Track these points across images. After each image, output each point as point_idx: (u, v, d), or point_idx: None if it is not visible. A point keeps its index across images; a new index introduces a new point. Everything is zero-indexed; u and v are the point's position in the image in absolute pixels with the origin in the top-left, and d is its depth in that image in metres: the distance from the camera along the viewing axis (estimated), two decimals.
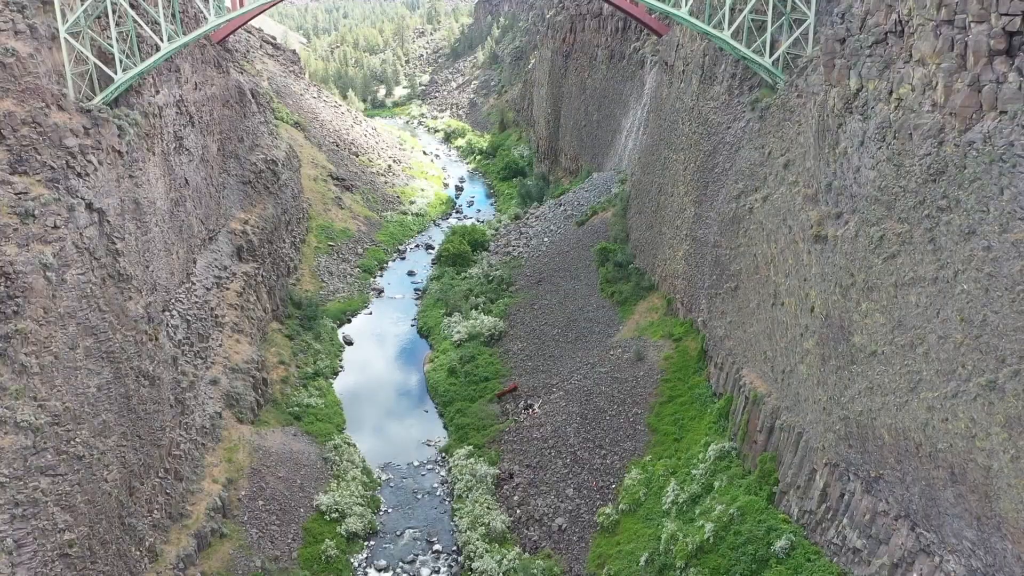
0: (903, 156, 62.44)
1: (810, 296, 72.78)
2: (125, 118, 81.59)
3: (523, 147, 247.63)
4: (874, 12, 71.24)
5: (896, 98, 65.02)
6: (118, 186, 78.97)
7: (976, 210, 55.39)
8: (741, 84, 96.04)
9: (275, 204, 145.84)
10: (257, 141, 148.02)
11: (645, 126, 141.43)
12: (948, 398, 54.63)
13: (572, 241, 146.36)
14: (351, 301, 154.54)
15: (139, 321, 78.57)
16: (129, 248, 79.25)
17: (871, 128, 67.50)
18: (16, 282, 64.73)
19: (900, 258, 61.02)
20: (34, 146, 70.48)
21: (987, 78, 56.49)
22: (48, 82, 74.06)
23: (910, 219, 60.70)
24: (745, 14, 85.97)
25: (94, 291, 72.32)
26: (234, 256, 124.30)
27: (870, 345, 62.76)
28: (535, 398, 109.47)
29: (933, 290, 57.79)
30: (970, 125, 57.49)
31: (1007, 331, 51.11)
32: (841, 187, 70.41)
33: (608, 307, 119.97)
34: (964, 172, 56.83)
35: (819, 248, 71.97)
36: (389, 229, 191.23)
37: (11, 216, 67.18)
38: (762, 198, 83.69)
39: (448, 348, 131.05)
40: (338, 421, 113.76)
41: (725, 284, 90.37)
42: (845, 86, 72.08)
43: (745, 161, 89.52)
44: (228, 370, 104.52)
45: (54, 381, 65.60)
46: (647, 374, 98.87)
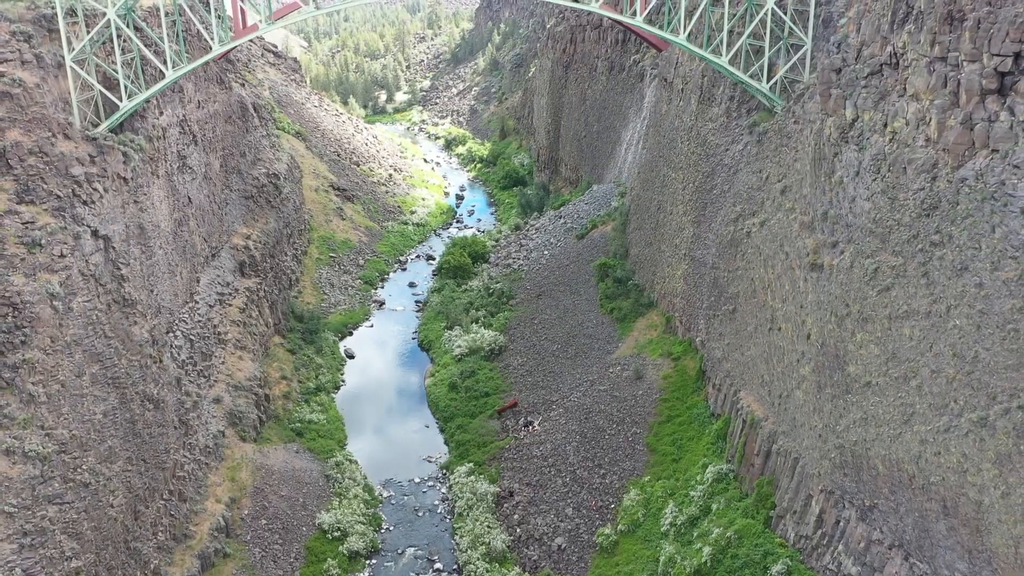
0: (897, 189, 63.41)
1: (806, 323, 73.73)
2: (130, 144, 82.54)
3: (523, 155, 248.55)
4: (869, 43, 72.23)
5: (891, 131, 66.01)
6: (123, 212, 79.95)
7: (968, 247, 56.38)
8: (739, 107, 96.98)
9: (277, 218, 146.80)
10: (259, 155, 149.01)
11: (644, 141, 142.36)
12: (940, 432, 55.59)
13: (572, 255, 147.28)
14: (352, 314, 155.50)
15: (144, 345, 79.56)
16: (134, 273, 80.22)
17: (866, 159, 68.47)
18: (24, 312, 65.69)
19: (894, 291, 61.97)
20: (41, 175, 71.44)
21: (979, 116, 57.48)
22: (54, 111, 75.03)
23: (904, 252, 61.65)
24: (743, 40, 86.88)
25: (100, 318, 73.31)
26: (236, 272, 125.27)
27: (865, 376, 63.72)
28: (535, 415, 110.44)
29: (926, 324, 58.76)
30: (963, 162, 58.48)
31: (998, 368, 52.08)
32: (837, 216, 71.36)
33: (608, 323, 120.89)
34: (957, 208, 57.81)
35: (815, 276, 72.94)
36: (390, 239, 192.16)
37: (18, 246, 68.13)
38: (759, 223, 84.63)
39: (449, 362, 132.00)
40: (340, 437, 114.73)
41: (723, 306, 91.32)
42: (841, 116, 73.04)
43: (743, 184, 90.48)
44: (231, 388, 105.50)
45: (61, 409, 66.57)
46: (646, 393, 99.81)
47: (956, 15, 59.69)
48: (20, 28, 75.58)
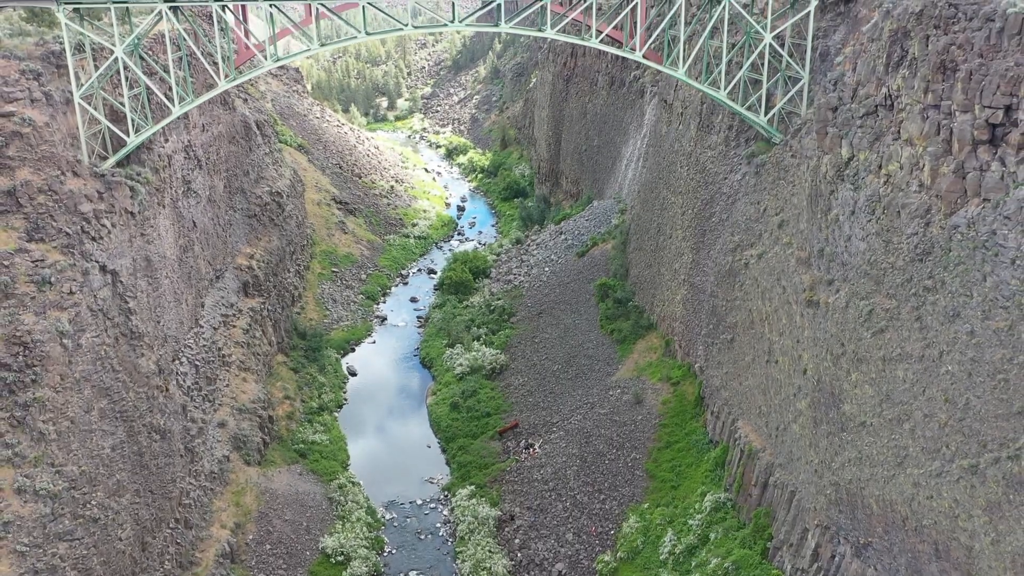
0: (891, 233, 64.62)
1: (803, 358, 74.94)
2: (137, 178, 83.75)
3: (524, 166, 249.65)
4: (865, 83, 73.39)
5: (885, 173, 67.22)
6: (131, 246, 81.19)
7: (960, 293, 57.57)
8: (738, 136, 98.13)
9: (280, 236, 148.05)
10: (262, 173, 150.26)
11: (644, 159, 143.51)
12: (933, 476, 56.78)
13: (573, 272, 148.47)
14: (355, 330, 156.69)
15: (151, 377, 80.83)
16: (141, 306, 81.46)
17: (861, 199, 69.66)
18: (34, 351, 66.94)
19: (888, 333, 63.16)
20: (50, 213, 72.67)
21: (971, 165, 58.69)
22: (63, 149, 76.23)
23: (898, 296, 62.86)
24: (741, 73, 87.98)
25: (108, 352, 74.56)
26: (240, 292, 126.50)
27: (859, 415, 64.90)
28: (536, 437, 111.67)
29: (919, 368, 59.95)
30: (955, 209, 59.69)
31: (988, 417, 53.26)
32: (833, 253, 72.57)
33: (608, 344, 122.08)
34: (949, 255, 59.02)
35: (811, 312, 74.13)
36: (392, 253, 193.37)
37: (28, 285, 69.36)
38: (757, 255, 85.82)
39: (450, 381, 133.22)
40: (343, 458, 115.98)
41: (721, 335, 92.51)
42: (837, 154, 74.24)
43: (741, 214, 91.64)
44: (235, 411, 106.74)
45: (70, 446, 67.82)
46: (645, 418, 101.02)
47: (949, 65, 60.90)
48: (29, 66, 76.73)
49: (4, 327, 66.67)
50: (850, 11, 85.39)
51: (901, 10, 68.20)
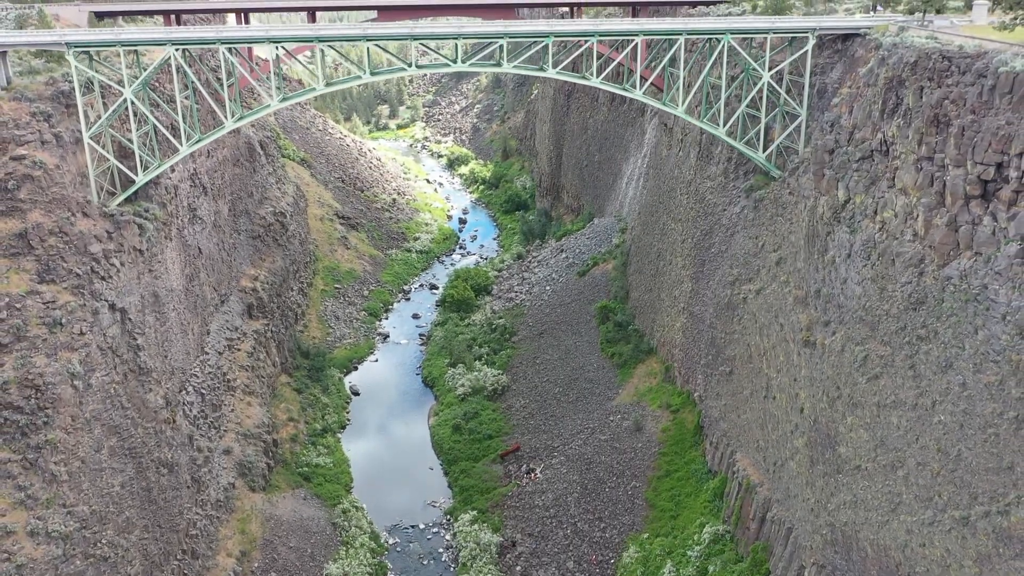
0: (886, 280, 65.90)
1: (800, 397, 76.25)
2: (144, 214, 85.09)
3: (525, 178, 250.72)
4: (861, 127, 74.72)
5: (880, 220, 68.52)
6: (139, 282, 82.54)
7: (953, 345, 58.86)
8: (737, 168, 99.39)
9: (283, 256, 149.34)
10: (266, 193, 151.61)
11: (645, 180, 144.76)
12: (925, 525, 58.09)
13: (573, 292, 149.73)
14: (357, 348, 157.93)
15: (159, 411, 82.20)
16: (149, 342, 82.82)
17: (857, 243, 70.96)
18: (46, 394, 68.33)
19: (883, 380, 64.45)
20: (61, 255, 74.06)
21: (964, 219, 59.99)
22: (73, 190, 77.59)
23: (892, 343, 64.14)
24: (740, 111, 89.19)
25: (117, 390, 75.94)
26: (244, 315, 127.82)
27: (855, 459, 66.21)
28: (537, 461, 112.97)
29: (913, 416, 61.25)
30: (948, 261, 60.99)
31: (979, 470, 54.56)
32: (829, 295, 73.86)
33: (608, 368, 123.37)
34: (942, 306, 60.31)
35: (808, 352, 75.43)
36: (394, 268, 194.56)
37: (40, 327, 70.75)
38: (756, 290, 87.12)
39: (452, 402, 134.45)
40: (346, 480, 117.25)
41: (720, 367, 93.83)
42: (833, 196, 75.54)
43: (740, 248, 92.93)
44: (240, 436, 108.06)
45: (81, 486, 69.19)
46: (645, 446, 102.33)
47: (942, 118, 62.21)
48: (39, 108, 78.10)
49: (17, 370, 68.04)
50: (847, 49, 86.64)
51: (896, 59, 69.53)
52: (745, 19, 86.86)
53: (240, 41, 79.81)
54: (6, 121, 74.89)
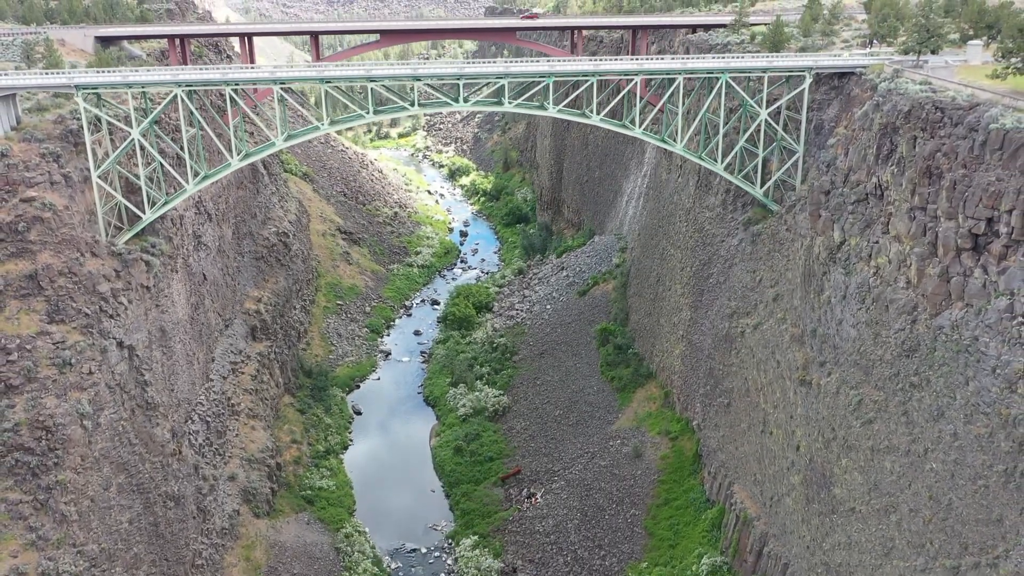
0: (880, 326, 67.18)
1: (796, 434, 77.54)
2: (151, 250, 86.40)
3: (526, 190, 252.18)
4: (856, 170, 76.02)
5: (875, 265, 69.80)
6: (146, 318, 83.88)
7: (945, 394, 60.14)
8: (735, 199, 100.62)
9: (286, 276, 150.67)
10: (269, 214, 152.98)
11: (645, 201, 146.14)
12: (918, 572, 59.37)
13: (574, 312, 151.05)
14: (360, 366, 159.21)
15: (165, 445, 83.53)
16: (156, 376, 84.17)
17: (852, 285, 72.24)
18: (56, 435, 69.69)
19: (876, 424, 65.75)
20: (70, 295, 75.38)
21: (955, 270, 61.26)
22: (82, 230, 78.90)
23: (886, 388, 65.43)
24: (738, 147, 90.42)
25: (125, 427, 77.29)
26: (248, 337, 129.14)
27: (849, 501, 67.51)
28: (538, 485, 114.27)
29: (905, 462, 62.53)
30: (940, 310, 62.25)
31: (970, 521, 55.83)
32: (825, 335, 75.15)
33: (608, 392, 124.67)
34: (934, 354, 61.58)
35: (804, 391, 76.72)
36: (396, 284, 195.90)
37: (50, 368, 72.10)
38: (753, 325, 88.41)
39: (454, 423, 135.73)
40: (348, 503, 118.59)
41: (718, 398, 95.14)
42: (829, 236, 76.83)
43: (738, 281, 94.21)
44: (245, 462, 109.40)
45: (91, 524, 70.53)
46: (644, 473, 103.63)
47: (935, 170, 63.47)
48: (49, 148, 79.42)
49: (28, 412, 69.41)
50: (843, 87, 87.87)
51: (891, 106, 70.81)
52: (742, 58, 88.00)
53: (246, 82, 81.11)
54: (16, 164, 76.21)
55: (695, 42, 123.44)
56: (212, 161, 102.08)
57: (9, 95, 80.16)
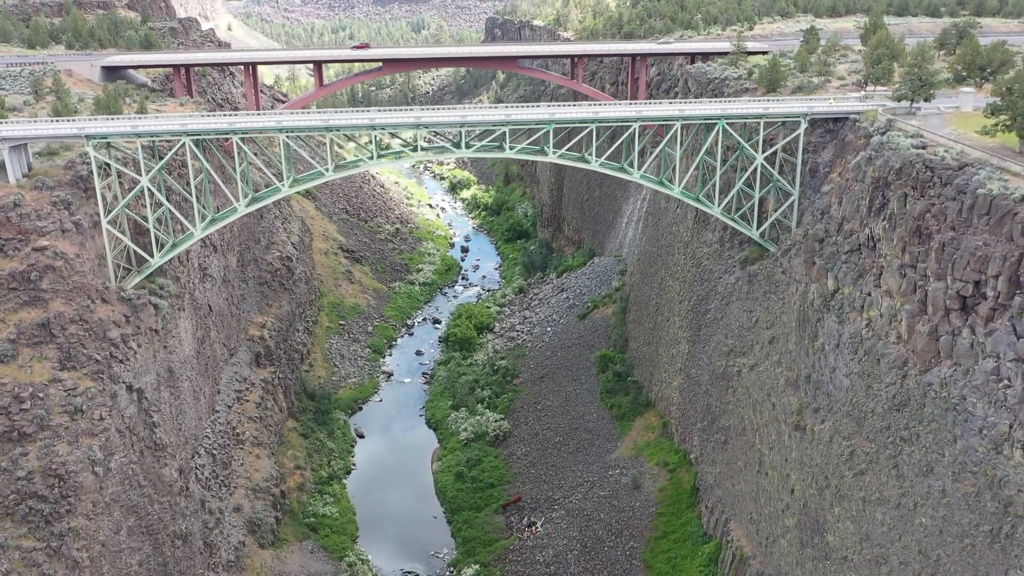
0: (872, 378, 68.91)
1: (791, 478, 79.28)
2: (159, 291, 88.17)
3: (527, 204, 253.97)
4: (850, 219, 77.79)
5: (867, 317, 71.54)
6: (154, 360, 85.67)
7: (933, 450, 61.89)
8: (732, 237, 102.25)
9: (290, 300, 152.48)
10: (272, 238, 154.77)
11: (644, 226, 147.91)
12: None
13: (574, 336, 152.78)
14: (362, 388, 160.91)
15: (173, 484, 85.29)
16: (164, 417, 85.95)
17: (845, 335, 73.99)
18: (68, 482, 71.47)
19: (868, 476, 67.50)
20: (81, 342, 77.18)
21: (944, 329, 63.00)
22: (92, 277, 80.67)
23: (877, 441, 67.18)
24: (735, 192, 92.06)
25: (134, 469, 79.06)
26: (252, 364, 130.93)
27: (842, 549, 69.26)
28: (538, 514, 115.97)
29: (896, 514, 64.29)
30: (929, 367, 64.00)
31: None
32: (819, 382, 76.90)
33: (607, 419, 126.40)
34: (924, 410, 63.34)
35: (799, 436, 78.47)
36: (398, 302, 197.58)
37: (62, 415, 73.90)
38: (749, 365, 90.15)
39: (455, 447, 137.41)
40: (351, 530, 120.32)
41: (715, 434, 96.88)
42: (823, 284, 78.62)
43: (735, 320, 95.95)
44: (250, 491, 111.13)
45: (102, 570, 72.34)
46: (643, 505, 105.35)
47: (924, 231, 65.21)
48: (60, 196, 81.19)
49: (41, 460, 71.21)
50: (838, 131, 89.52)
51: (882, 162, 72.53)
52: (739, 104, 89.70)
53: (253, 131, 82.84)
54: (29, 213, 78.00)
55: (694, 74, 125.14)
56: (219, 200, 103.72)
57: (21, 144, 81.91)
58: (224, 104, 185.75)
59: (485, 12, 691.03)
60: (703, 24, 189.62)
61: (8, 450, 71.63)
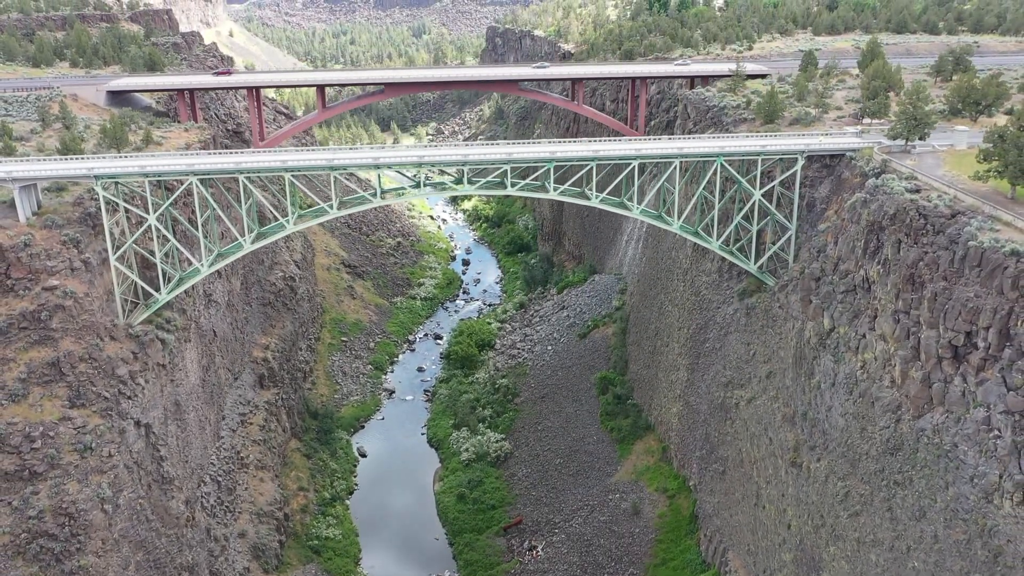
0: (866, 421, 70.27)
1: (787, 513, 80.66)
2: (166, 325, 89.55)
3: (527, 216, 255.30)
4: (845, 260, 79.11)
5: (862, 360, 72.87)
6: (161, 395, 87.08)
7: (926, 495, 63.25)
8: (731, 268, 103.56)
9: (293, 319, 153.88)
10: (276, 258, 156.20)
11: (644, 246, 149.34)
12: None
13: (574, 356, 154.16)
14: (364, 406, 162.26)
15: (180, 516, 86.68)
16: (171, 451, 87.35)
17: (841, 374, 75.35)
18: (78, 520, 72.87)
19: (863, 517, 68.86)
20: (90, 380, 78.59)
21: (936, 376, 64.32)
22: (101, 315, 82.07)
23: (872, 483, 68.53)
24: (733, 226, 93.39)
25: (142, 504, 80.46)
26: (256, 386, 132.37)
27: None
28: (539, 537, 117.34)
29: (890, 557, 65.65)
30: (922, 412, 65.33)
31: None
32: (815, 419, 78.27)
33: (607, 442, 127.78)
34: (917, 455, 64.69)
35: (795, 472, 79.83)
36: (399, 317, 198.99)
37: (72, 453, 75.29)
38: (747, 399, 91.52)
39: (457, 467, 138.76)
40: (354, 552, 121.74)
41: (713, 464, 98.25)
42: (819, 323, 79.96)
43: (733, 351, 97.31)
44: (254, 516, 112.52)
45: None
46: (643, 531, 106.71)
47: (917, 279, 66.55)
48: (69, 235, 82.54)
49: (51, 499, 72.58)
50: (835, 167, 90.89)
51: (877, 206, 73.87)
52: (737, 140, 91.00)
53: (258, 171, 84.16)
54: (39, 253, 79.40)
55: (693, 101, 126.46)
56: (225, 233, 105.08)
57: (31, 184, 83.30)
58: (227, 120, 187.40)
59: (486, 16, 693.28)
60: (703, 42, 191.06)
61: (19, 489, 73.06)
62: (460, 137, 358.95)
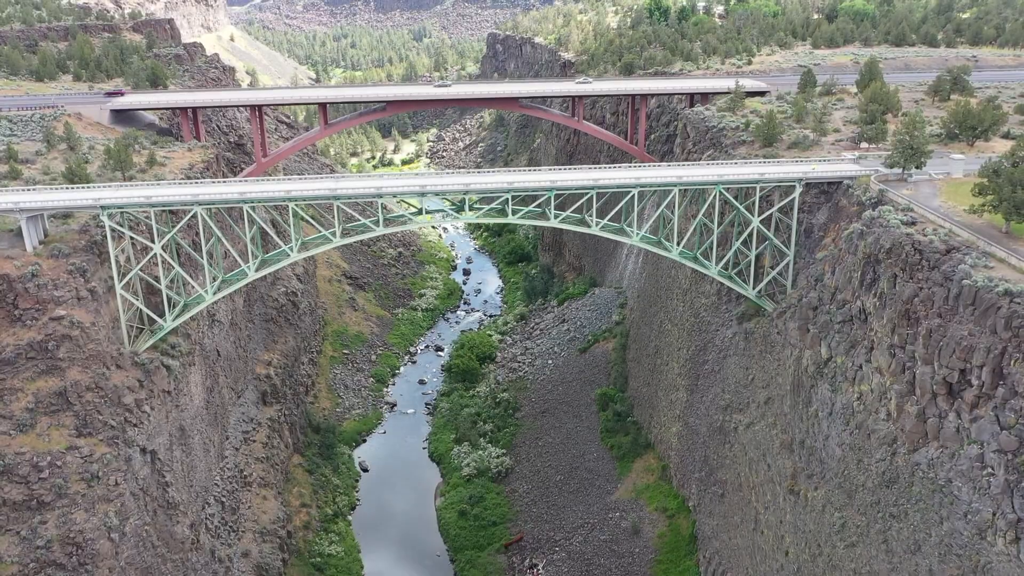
0: (863, 452, 71.26)
1: (785, 540, 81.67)
2: (171, 351, 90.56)
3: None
4: (842, 289, 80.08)
5: (859, 391, 73.86)
6: (167, 421, 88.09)
7: (921, 529, 64.22)
8: (730, 291, 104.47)
9: (295, 334, 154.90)
10: (278, 273, 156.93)
11: (644, 262, 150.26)
12: None
13: (575, 370, 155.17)
14: (366, 420, 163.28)
15: (185, 541, 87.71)
16: (176, 477, 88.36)
17: (838, 404, 76.33)
18: (86, 550, 73.89)
19: (859, 548, 69.85)
20: (97, 409, 79.59)
21: (931, 411, 65.30)
22: (107, 344, 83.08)
23: (868, 514, 69.50)
24: (731, 252, 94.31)
25: (148, 531, 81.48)
26: (259, 403, 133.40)
27: None
28: (539, 555, 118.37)
29: None
30: (917, 447, 66.31)
31: None
32: (812, 448, 79.24)
33: (607, 460, 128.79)
34: (912, 489, 65.66)
35: (793, 499, 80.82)
36: (400, 329, 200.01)
37: (79, 482, 76.30)
38: (746, 424, 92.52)
39: (458, 483, 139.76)
40: (356, 569, 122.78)
41: (713, 486, 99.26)
42: (817, 352, 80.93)
43: (731, 375, 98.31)
44: (257, 535, 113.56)
45: None
46: (642, 551, 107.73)
47: (912, 315, 67.52)
48: (75, 264, 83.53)
49: (59, 528, 73.62)
50: (832, 194, 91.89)
51: (873, 239, 74.83)
52: (735, 168, 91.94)
53: (261, 201, 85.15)
54: (46, 283, 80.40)
55: (693, 121, 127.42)
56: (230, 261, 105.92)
57: (38, 215, 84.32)
58: (229, 132, 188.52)
59: (486, 20, 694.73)
60: (703, 55, 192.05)
61: (27, 519, 74.11)
62: (460, 144, 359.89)
